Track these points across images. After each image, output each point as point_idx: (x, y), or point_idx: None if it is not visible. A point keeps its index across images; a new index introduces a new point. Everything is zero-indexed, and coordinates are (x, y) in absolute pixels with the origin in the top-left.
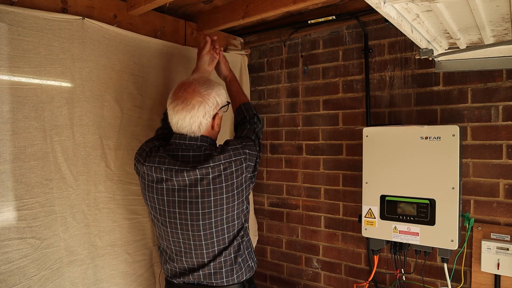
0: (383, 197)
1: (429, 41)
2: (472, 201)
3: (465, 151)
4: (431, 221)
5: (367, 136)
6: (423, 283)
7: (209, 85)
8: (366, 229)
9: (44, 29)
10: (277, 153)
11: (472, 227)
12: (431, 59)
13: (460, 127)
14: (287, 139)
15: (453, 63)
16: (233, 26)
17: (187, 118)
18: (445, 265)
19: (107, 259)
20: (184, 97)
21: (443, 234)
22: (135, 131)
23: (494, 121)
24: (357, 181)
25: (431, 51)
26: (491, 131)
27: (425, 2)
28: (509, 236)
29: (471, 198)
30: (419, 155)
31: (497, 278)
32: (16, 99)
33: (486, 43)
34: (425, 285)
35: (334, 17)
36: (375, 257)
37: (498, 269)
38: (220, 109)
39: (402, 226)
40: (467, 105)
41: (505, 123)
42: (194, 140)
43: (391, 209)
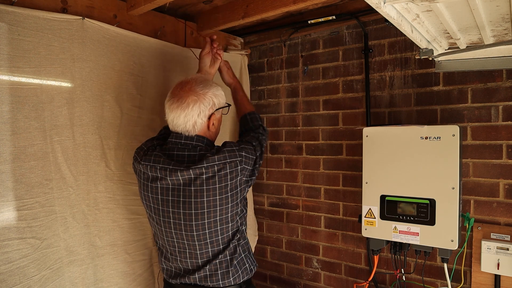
0: (383, 197)
1: (429, 41)
2: (472, 201)
3: (465, 151)
4: (431, 221)
5: (367, 136)
6: (423, 283)
7: (206, 85)
8: (366, 229)
9: (44, 29)
10: (277, 153)
11: (472, 227)
12: (431, 59)
13: (460, 127)
14: (287, 139)
15: (453, 63)
16: (233, 26)
17: (182, 116)
18: (445, 265)
19: (107, 259)
20: (180, 96)
21: (443, 234)
22: (135, 131)
23: (494, 121)
24: (357, 181)
25: (431, 51)
26: (491, 131)
27: (425, 2)
28: (509, 236)
29: (471, 198)
30: (419, 155)
31: (497, 278)
32: (16, 99)
33: (486, 43)
34: (425, 285)
35: (334, 17)
36: (375, 257)
37: (498, 269)
38: (217, 110)
39: (402, 226)
40: (467, 105)
41: (505, 123)
42: (189, 139)
43: (391, 209)
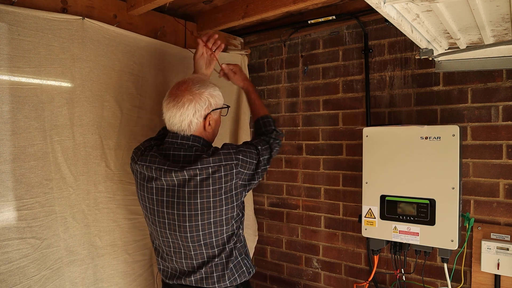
0: (383, 197)
1: (429, 41)
2: (472, 201)
3: (465, 151)
4: (431, 221)
5: (367, 136)
6: (423, 283)
7: (202, 85)
8: (366, 229)
9: (44, 29)
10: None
11: (472, 227)
12: (431, 59)
13: (460, 127)
14: (287, 139)
15: (453, 63)
16: (233, 26)
17: (177, 115)
18: (445, 265)
19: (107, 259)
20: (176, 95)
21: (443, 234)
22: (135, 131)
23: (494, 121)
24: (357, 181)
25: (431, 51)
26: (491, 131)
27: (425, 2)
28: (509, 236)
29: (471, 198)
30: (419, 155)
31: (497, 278)
32: (16, 99)
33: (486, 43)
34: (425, 285)
35: (334, 17)
36: (375, 257)
37: (498, 269)
38: (213, 110)
39: (402, 226)
40: (467, 105)
41: (505, 123)
42: (186, 139)
43: (391, 209)
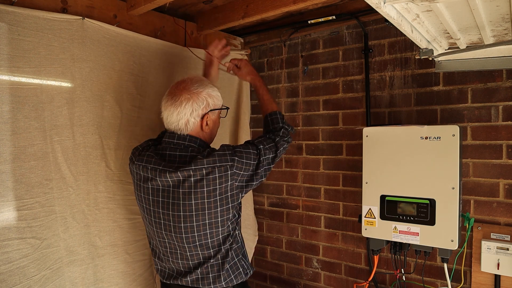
0: (383, 197)
1: (429, 41)
2: (472, 201)
3: (465, 151)
4: (431, 221)
5: (367, 136)
6: (423, 283)
7: (201, 84)
8: (366, 229)
9: (44, 29)
10: None
11: (472, 227)
12: (431, 59)
13: (460, 127)
14: None
15: (453, 63)
16: (233, 26)
17: (175, 114)
18: (445, 265)
19: (107, 259)
20: (174, 93)
21: (443, 234)
22: (135, 131)
23: (494, 121)
24: (357, 181)
25: (431, 51)
26: (491, 131)
27: (425, 2)
28: (509, 236)
29: (471, 198)
30: (419, 155)
31: (497, 278)
32: (16, 99)
33: (486, 43)
34: (425, 285)
35: (334, 17)
36: (375, 257)
37: (498, 269)
38: (211, 110)
39: (402, 226)
40: (467, 105)
41: (505, 123)
42: (182, 139)
43: (391, 209)
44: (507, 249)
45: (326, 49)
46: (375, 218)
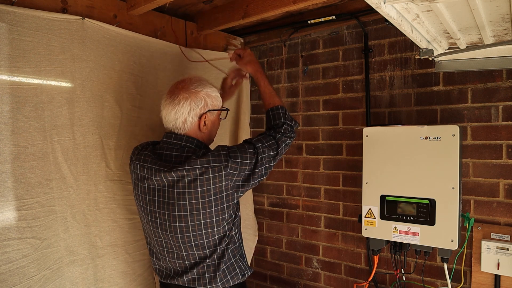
0: (383, 197)
1: (429, 41)
2: (472, 201)
3: (465, 151)
4: (431, 221)
5: (367, 136)
6: (423, 283)
7: (200, 84)
8: (366, 229)
9: (44, 29)
10: None
11: (472, 227)
12: (431, 59)
13: (460, 127)
14: None
15: (453, 63)
16: (233, 26)
17: (172, 112)
18: (445, 265)
19: (107, 259)
20: (173, 92)
21: (443, 234)
22: (135, 131)
23: (494, 121)
24: (357, 181)
25: (431, 51)
26: (491, 131)
27: (425, 2)
28: (509, 236)
29: (471, 198)
30: (419, 155)
31: (497, 278)
32: (16, 99)
33: (486, 43)
34: (425, 285)
35: (334, 17)
36: (375, 257)
37: (498, 269)
38: (209, 111)
39: (402, 226)
40: (467, 105)
41: (505, 123)
42: (178, 139)
43: (391, 209)
44: (507, 249)
45: (326, 49)
46: (375, 218)
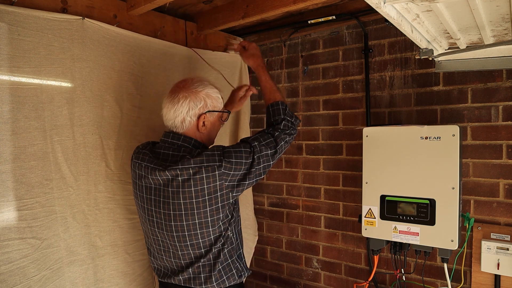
0: (383, 197)
1: (429, 41)
2: (472, 201)
3: (465, 151)
4: (431, 221)
5: (367, 136)
6: (423, 283)
7: (201, 84)
8: (366, 229)
9: (44, 29)
10: None
11: (472, 227)
12: (431, 59)
13: (460, 127)
14: None
15: (453, 63)
16: (233, 26)
17: (172, 111)
18: (445, 265)
19: (107, 259)
20: (173, 91)
21: (443, 234)
22: (135, 131)
23: (494, 121)
24: (357, 181)
25: (431, 51)
26: (491, 131)
27: (425, 2)
28: (509, 236)
29: (471, 198)
30: (419, 155)
31: (497, 278)
32: (16, 99)
33: (486, 43)
34: (425, 285)
35: (334, 17)
36: (375, 257)
37: (498, 269)
38: (208, 111)
39: (402, 226)
40: (467, 105)
41: (505, 123)
42: (176, 139)
43: (391, 209)
44: (507, 249)
45: (326, 49)
46: (375, 218)
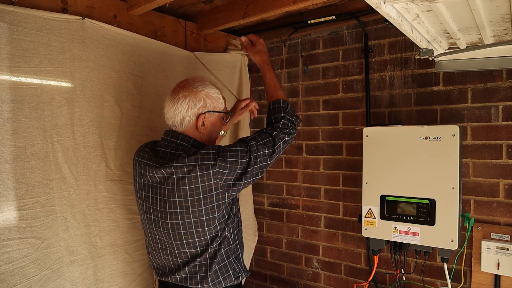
0: (383, 197)
1: (429, 41)
2: (472, 201)
3: (465, 151)
4: (431, 221)
5: (367, 136)
6: (423, 283)
7: (202, 84)
8: (366, 229)
9: (44, 29)
10: None
11: (472, 227)
12: (431, 59)
13: (460, 127)
14: None
15: (453, 63)
16: (233, 26)
17: (172, 110)
18: (445, 265)
19: (107, 259)
20: (174, 90)
21: (443, 234)
22: (135, 131)
23: (494, 121)
24: (357, 181)
25: (431, 51)
26: (491, 131)
27: (425, 2)
28: (509, 236)
29: (471, 198)
30: (419, 155)
31: (497, 278)
32: (16, 98)
33: (486, 43)
34: (425, 285)
35: (334, 17)
36: (375, 257)
37: (498, 269)
38: (208, 112)
39: (402, 226)
40: (467, 105)
41: (505, 123)
42: (175, 137)
43: (391, 209)
44: (507, 249)
45: (326, 49)
46: (375, 218)
